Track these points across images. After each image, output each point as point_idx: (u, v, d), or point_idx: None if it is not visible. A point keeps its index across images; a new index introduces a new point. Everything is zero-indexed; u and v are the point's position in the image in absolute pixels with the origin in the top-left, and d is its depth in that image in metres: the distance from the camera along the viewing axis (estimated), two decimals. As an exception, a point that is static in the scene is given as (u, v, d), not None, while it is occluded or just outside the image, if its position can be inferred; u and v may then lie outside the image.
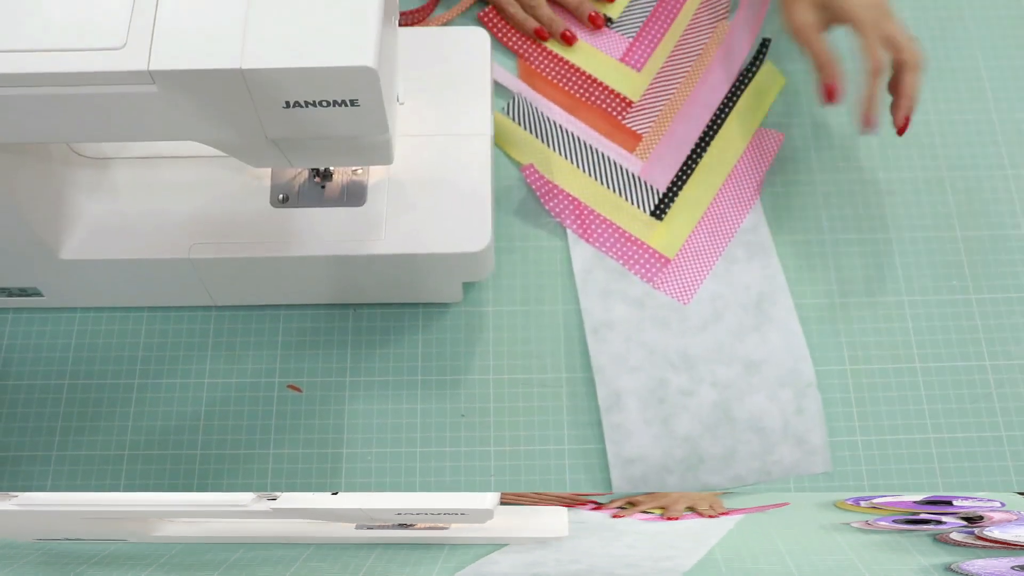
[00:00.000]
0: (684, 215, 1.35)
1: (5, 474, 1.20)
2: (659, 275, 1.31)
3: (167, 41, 0.90)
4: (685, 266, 1.31)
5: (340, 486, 1.19)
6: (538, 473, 1.20)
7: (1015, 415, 1.23)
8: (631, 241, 1.33)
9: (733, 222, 1.34)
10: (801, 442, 1.21)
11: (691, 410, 1.23)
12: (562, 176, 1.36)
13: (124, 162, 1.20)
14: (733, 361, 1.25)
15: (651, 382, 1.24)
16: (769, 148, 1.39)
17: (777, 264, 1.31)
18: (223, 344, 1.26)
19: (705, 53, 1.45)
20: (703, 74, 1.44)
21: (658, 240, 1.33)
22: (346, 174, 1.19)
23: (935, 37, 1.46)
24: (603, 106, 1.42)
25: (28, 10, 0.91)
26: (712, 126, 1.40)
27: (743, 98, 1.42)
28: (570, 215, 1.34)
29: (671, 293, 1.30)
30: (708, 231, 1.34)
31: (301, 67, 0.90)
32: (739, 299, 1.29)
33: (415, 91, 1.22)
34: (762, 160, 1.38)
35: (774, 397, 1.23)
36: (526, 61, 1.45)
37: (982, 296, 1.29)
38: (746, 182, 1.37)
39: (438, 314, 1.27)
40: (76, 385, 1.24)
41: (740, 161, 1.38)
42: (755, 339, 1.27)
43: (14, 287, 1.22)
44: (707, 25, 1.47)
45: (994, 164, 1.37)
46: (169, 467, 1.20)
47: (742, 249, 1.33)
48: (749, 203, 1.35)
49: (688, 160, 1.38)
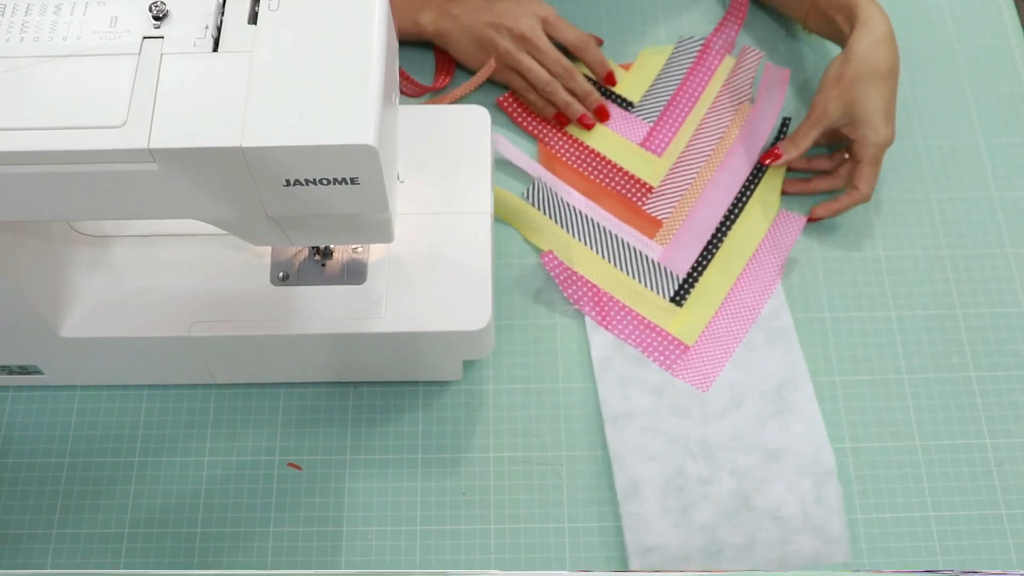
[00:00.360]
0: (704, 301, 1.34)
1: (5, 552, 1.19)
2: (678, 362, 1.30)
3: (167, 119, 0.91)
4: (705, 353, 1.30)
5: (340, 564, 1.18)
6: (538, 551, 1.19)
7: (1016, 493, 1.22)
8: (650, 328, 1.32)
9: (754, 308, 1.33)
10: (820, 532, 1.20)
11: (710, 498, 1.22)
12: (581, 262, 1.36)
13: (124, 240, 1.20)
14: (753, 449, 1.24)
15: (669, 471, 1.23)
16: (791, 231, 1.37)
17: (798, 350, 1.30)
18: (223, 422, 1.26)
19: (726, 136, 1.45)
20: (724, 157, 1.43)
21: (677, 327, 1.32)
22: (346, 252, 1.19)
23: (935, 114, 1.47)
24: (623, 192, 1.41)
25: (29, 88, 0.92)
26: (733, 210, 1.39)
27: (764, 180, 1.41)
28: (589, 302, 1.33)
29: (690, 380, 1.28)
30: (728, 317, 1.33)
31: (301, 145, 0.90)
32: (759, 386, 1.28)
33: (415, 169, 1.23)
34: (784, 244, 1.37)
35: (793, 486, 1.22)
36: (546, 146, 1.44)
37: (982, 374, 1.29)
38: (767, 266, 1.36)
39: (438, 392, 1.27)
40: (76, 463, 1.24)
41: (761, 245, 1.37)
42: (775, 427, 1.26)
43: (14, 365, 1.23)
44: (729, 108, 1.47)
45: (994, 242, 1.37)
46: (169, 545, 1.20)
47: (763, 335, 1.32)
48: (770, 288, 1.34)
49: (708, 245, 1.37)
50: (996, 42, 1.53)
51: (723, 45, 1.52)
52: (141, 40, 0.95)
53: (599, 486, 1.23)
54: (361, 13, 0.95)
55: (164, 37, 0.95)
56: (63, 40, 0.94)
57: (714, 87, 1.49)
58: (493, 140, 1.36)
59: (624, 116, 1.47)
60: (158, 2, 0.95)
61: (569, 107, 1.43)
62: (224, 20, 0.96)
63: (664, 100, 1.48)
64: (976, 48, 1.53)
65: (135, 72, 0.93)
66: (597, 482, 1.23)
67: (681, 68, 1.50)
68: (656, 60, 1.52)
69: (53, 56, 0.94)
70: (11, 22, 0.95)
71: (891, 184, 1.41)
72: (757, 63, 1.50)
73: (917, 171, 1.43)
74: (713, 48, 1.51)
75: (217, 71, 0.93)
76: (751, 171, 1.42)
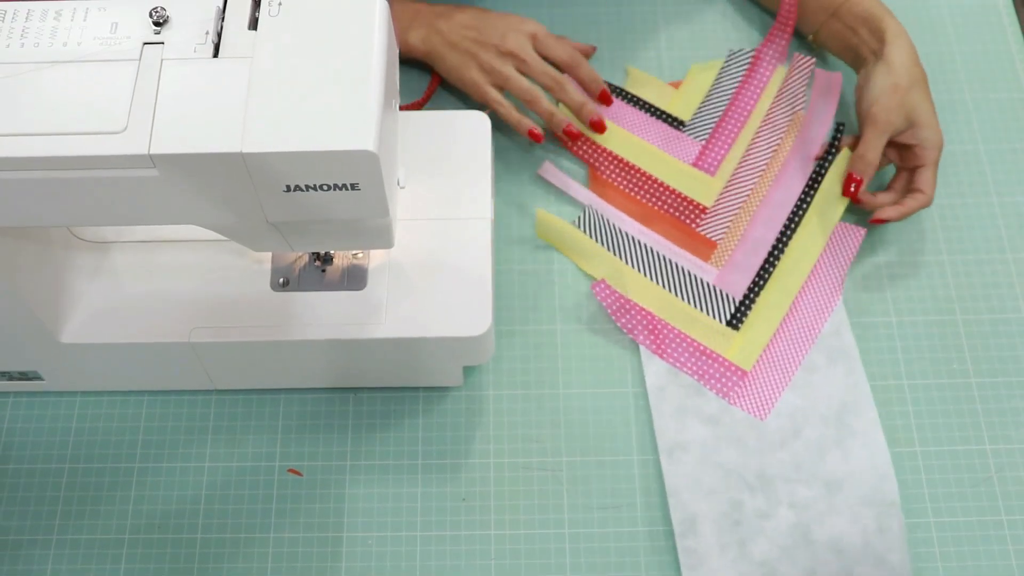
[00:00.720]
0: (761, 323, 1.32)
1: (5, 558, 1.19)
2: (735, 390, 1.27)
3: (168, 125, 0.91)
4: (762, 378, 1.28)
5: (340, 570, 1.18)
6: (538, 557, 1.19)
7: (1016, 499, 1.22)
8: (706, 355, 1.30)
9: (813, 328, 1.31)
10: (881, 563, 1.17)
11: (768, 533, 1.19)
12: (635, 289, 1.34)
13: (124, 246, 1.21)
14: (813, 480, 1.22)
15: (726, 505, 1.21)
16: (850, 244, 1.35)
17: (861, 370, 1.28)
18: (223, 428, 1.26)
19: (780, 149, 1.43)
20: (779, 172, 1.41)
21: (734, 352, 1.30)
22: (347, 258, 1.19)
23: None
24: (676, 214, 1.39)
25: (29, 94, 0.92)
26: (789, 225, 1.37)
27: (820, 191, 1.39)
28: (643, 330, 1.31)
29: (748, 409, 1.26)
30: (787, 339, 1.30)
31: (301, 151, 0.91)
32: (820, 411, 1.25)
33: (416, 175, 1.23)
34: (843, 257, 1.35)
35: (856, 518, 1.19)
36: (596, 171, 1.43)
37: (982, 380, 1.29)
38: (827, 282, 1.33)
39: (438, 398, 1.27)
40: (76, 469, 1.24)
41: (820, 261, 1.35)
42: (837, 456, 1.23)
43: (14, 371, 1.23)
44: (783, 119, 1.45)
45: (994, 248, 1.37)
46: (169, 551, 1.20)
47: (823, 355, 1.29)
48: (830, 305, 1.32)
49: (765, 264, 1.35)
50: (996, 48, 1.53)
51: (775, 55, 1.49)
52: (141, 46, 0.95)
53: (599, 492, 1.22)
54: (361, 19, 0.95)
55: (164, 43, 0.95)
56: (63, 46, 0.95)
57: (767, 99, 1.46)
58: (543, 170, 1.36)
59: (675, 136, 1.45)
60: (159, 8, 0.95)
61: (552, 117, 1.41)
62: (224, 26, 0.96)
63: (716, 117, 1.46)
64: (976, 54, 1.53)
65: (135, 78, 0.93)
66: (597, 488, 1.23)
67: (732, 83, 1.48)
68: (706, 76, 1.50)
69: (54, 62, 0.94)
70: (12, 28, 0.95)
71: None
72: (810, 70, 1.47)
73: (917, 177, 1.43)
74: (764, 59, 1.49)
75: (217, 77, 0.93)
76: (806, 183, 1.39)
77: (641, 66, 1.51)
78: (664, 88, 1.49)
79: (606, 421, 1.26)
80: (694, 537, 1.19)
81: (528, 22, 1.42)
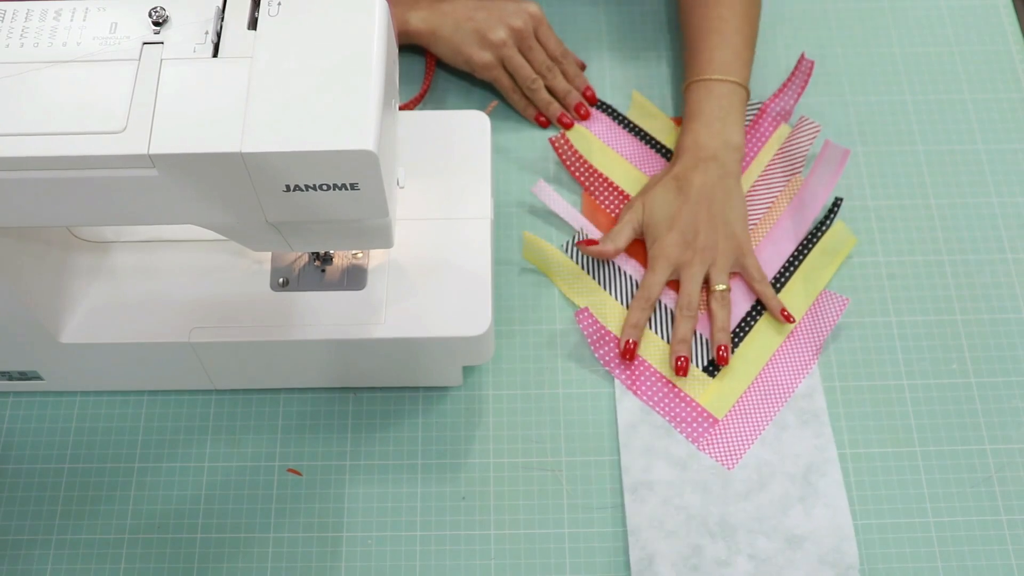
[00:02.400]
0: (738, 374, 1.30)
1: (5, 558, 1.19)
2: (705, 436, 1.26)
3: (167, 125, 0.91)
4: (733, 428, 1.27)
5: (340, 570, 1.18)
6: (538, 557, 1.19)
7: (1016, 500, 1.22)
8: (679, 397, 1.28)
9: (788, 387, 1.30)
10: None
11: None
12: (616, 321, 1.33)
13: (124, 246, 1.21)
14: (774, 534, 1.21)
15: (686, 549, 1.20)
16: (832, 312, 1.33)
17: (830, 435, 1.26)
18: (223, 428, 1.26)
19: (774, 207, 1.41)
20: (770, 229, 1.39)
21: (708, 398, 1.29)
22: (346, 258, 1.19)
23: (935, 120, 1.47)
24: None
25: (28, 94, 0.92)
26: (775, 284, 1.35)
27: (810, 257, 1.37)
28: (619, 365, 1.30)
29: (716, 456, 1.25)
30: (761, 393, 1.29)
31: (301, 151, 0.91)
32: (787, 468, 1.24)
33: (415, 175, 1.23)
34: (824, 324, 1.32)
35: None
36: (591, 196, 1.42)
37: (982, 380, 1.29)
38: (805, 346, 1.32)
39: (438, 398, 1.27)
40: (76, 469, 1.24)
41: (801, 324, 1.33)
42: (799, 512, 1.22)
43: (14, 371, 1.23)
44: (780, 178, 1.43)
45: (994, 248, 1.37)
46: (169, 551, 1.20)
47: (794, 415, 1.28)
48: (806, 368, 1.30)
49: (747, 317, 1.34)
50: (996, 48, 1.53)
51: (780, 112, 1.47)
52: (141, 46, 0.95)
53: (599, 492, 1.22)
54: (361, 18, 0.95)
55: (164, 43, 0.95)
56: (63, 46, 0.95)
57: (766, 154, 1.44)
58: (537, 189, 1.36)
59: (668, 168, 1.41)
60: (158, 8, 0.96)
61: (549, 106, 1.44)
62: (224, 26, 0.96)
63: None
64: (976, 54, 1.53)
65: (135, 78, 0.93)
66: (597, 488, 1.23)
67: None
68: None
69: (53, 62, 0.94)
70: (11, 27, 0.95)
71: (891, 190, 1.41)
72: (815, 136, 1.44)
73: (917, 177, 1.43)
74: (770, 114, 1.47)
75: (217, 77, 0.93)
76: (797, 247, 1.38)
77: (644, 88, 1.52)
78: (667, 122, 1.48)
79: (606, 421, 1.26)
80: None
81: (531, 4, 1.45)
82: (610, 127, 1.47)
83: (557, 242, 1.38)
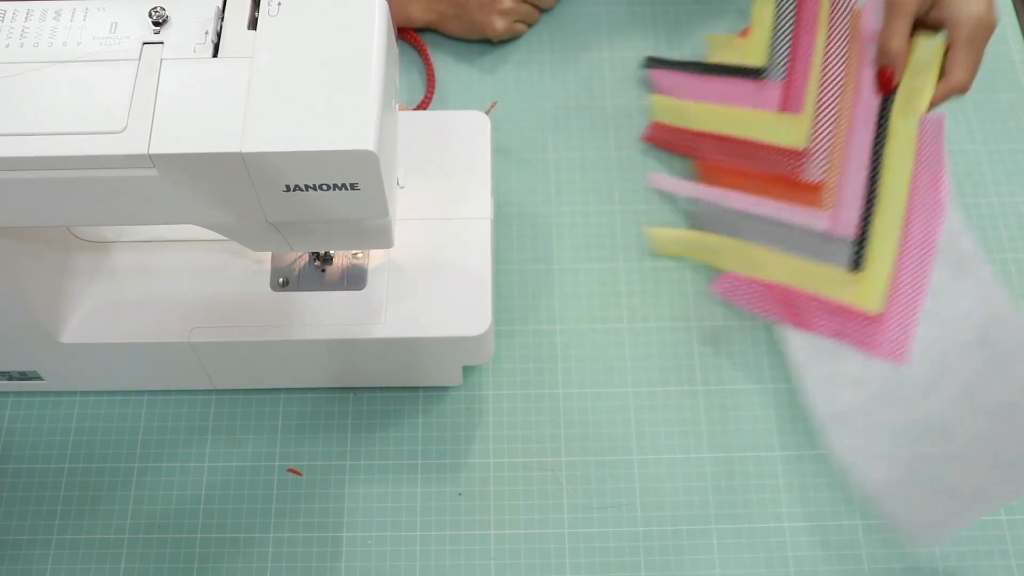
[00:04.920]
0: (881, 258, 1.18)
1: (5, 558, 1.19)
2: (874, 338, 1.16)
3: (167, 125, 0.91)
4: (895, 318, 1.15)
5: (340, 570, 1.18)
6: (538, 556, 1.19)
7: (1016, 500, 1.22)
8: (838, 310, 1.19)
9: (928, 241, 1.15)
10: None
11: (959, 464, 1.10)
12: (764, 264, 1.27)
13: (124, 246, 1.21)
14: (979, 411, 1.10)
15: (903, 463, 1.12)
16: (935, 136, 1.16)
17: (990, 278, 1.12)
18: (223, 428, 1.26)
19: (849, 56, 1.26)
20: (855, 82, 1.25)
21: (863, 296, 1.18)
22: (346, 258, 1.19)
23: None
24: (776, 169, 1.31)
25: (29, 93, 0.92)
26: (878, 140, 1.21)
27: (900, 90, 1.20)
28: (776, 307, 1.24)
29: (888, 355, 1.15)
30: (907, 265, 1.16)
31: (301, 151, 0.91)
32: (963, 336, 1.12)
33: (416, 175, 1.23)
34: (935, 154, 1.16)
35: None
36: (702, 160, 1.39)
37: (983, 379, 1.29)
38: (928, 186, 1.15)
39: (438, 398, 1.27)
40: (76, 469, 1.24)
41: (917, 164, 1.18)
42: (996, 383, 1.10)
43: (14, 371, 1.23)
44: (843, 21, 1.27)
45: (994, 248, 1.37)
46: (169, 551, 1.20)
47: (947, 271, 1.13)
48: (939, 210, 1.14)
49: (868, 192, 1.21)
50: (996, 48, 1.52)
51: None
52: (141, 46, 0.95)
53: (599, 492, 1.22)
54: (361, 18, 0.95)
55: (164, 43, 0.95)
56: (63, 46, 0.95)
57: (825, 6, 1.30)
58: (653, 180, 1.36)
59: (756, 87, 1.37)
60: (158, 8, 0.96)
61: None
62: (224, 26, 0.96)
63: (787, 48, 1.35)
64: (976, 54, 1.53)
65: (135, 77, 0.93)
66: (597, 488, 1.23)
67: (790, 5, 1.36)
68: (766, 10, 1.39)
69: (53, 62, 0.94)
70: (11, 28, 0.95)
71: (891, 190, 1.41)
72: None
73: (917, 177, 1.43)
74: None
75: (217, 76, 0.93)
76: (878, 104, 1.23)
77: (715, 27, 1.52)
78: (734, 41, 1.44)
79: (606, 421, 1.26)
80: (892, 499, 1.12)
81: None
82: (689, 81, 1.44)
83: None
